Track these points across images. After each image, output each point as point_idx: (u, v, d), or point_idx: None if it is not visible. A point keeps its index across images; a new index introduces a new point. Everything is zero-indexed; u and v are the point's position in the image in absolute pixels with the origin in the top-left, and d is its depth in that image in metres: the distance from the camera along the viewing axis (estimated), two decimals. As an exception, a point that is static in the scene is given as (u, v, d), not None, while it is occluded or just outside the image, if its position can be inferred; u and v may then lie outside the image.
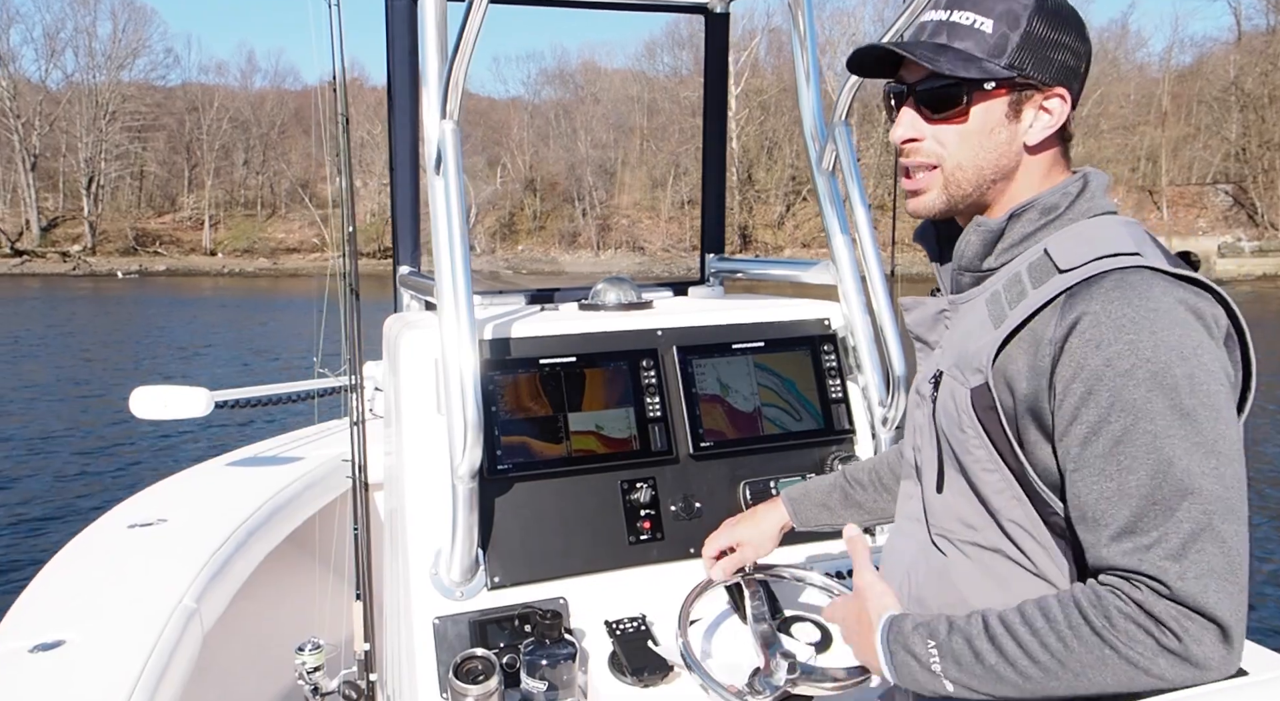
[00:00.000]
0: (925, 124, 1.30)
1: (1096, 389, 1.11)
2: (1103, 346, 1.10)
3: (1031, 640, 1.11)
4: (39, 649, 1.84)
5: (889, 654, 1.23)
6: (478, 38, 1.67)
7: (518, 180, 54.98)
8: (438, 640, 1.80)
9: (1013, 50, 1.24)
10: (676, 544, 2.05)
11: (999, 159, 1.28)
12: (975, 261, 1.32)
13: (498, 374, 1.99)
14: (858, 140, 12.17)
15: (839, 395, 2.29)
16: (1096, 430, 1.11)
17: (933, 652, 1.18)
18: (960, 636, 1.16)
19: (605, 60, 57.50)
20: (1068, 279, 1.16)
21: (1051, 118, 1.27)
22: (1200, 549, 1.07)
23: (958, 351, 1.30)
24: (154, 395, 3.01)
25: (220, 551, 2.34)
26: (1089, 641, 1.09)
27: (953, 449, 1.30)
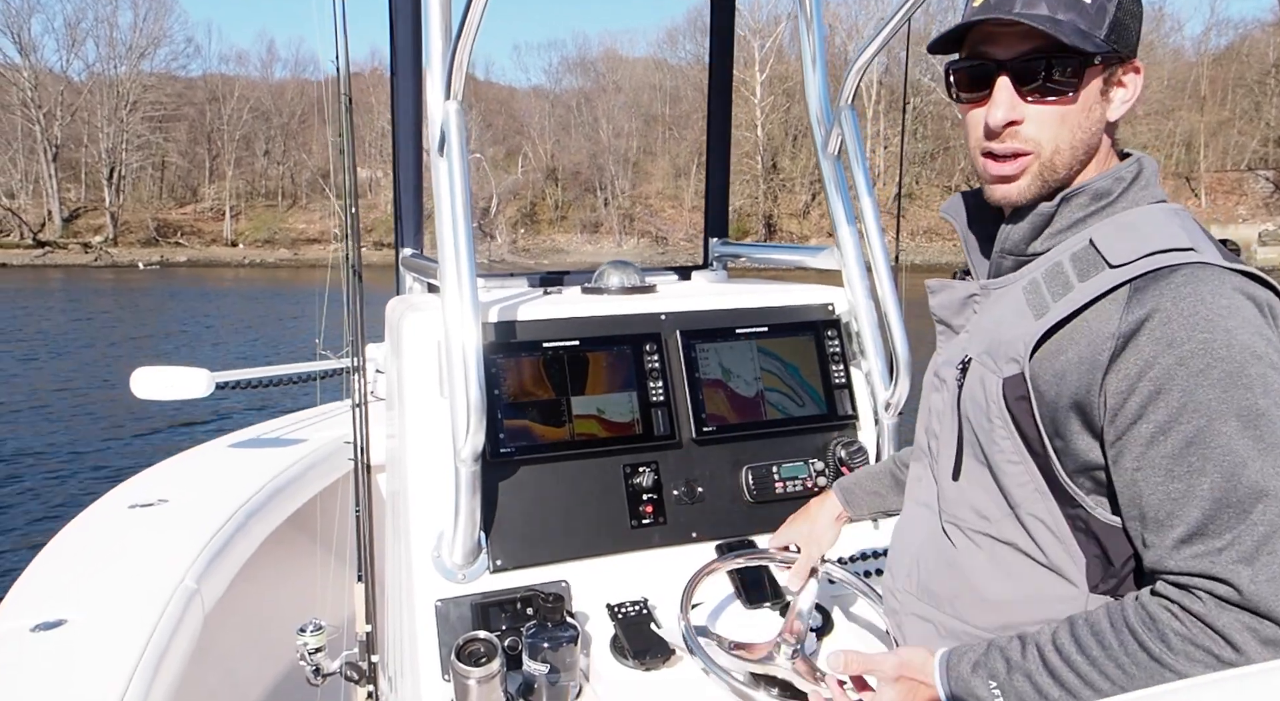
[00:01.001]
0: (1023, 103, 1.22)
1: (1168, 388, 1.08)
2: (1175, 345, 1.08)
3: (1091, 671, 1.11)
4: (40, 628, 1.86)
5: (954, 689, 1.21)
6: (482, 18, 1.67)
7: (539, 170, 55.01)
8: (440, 622, 1.82)
9: (1110, 22, 1.19)
10: (678, 528, 2.06)
11: (1091, 138, 1.24)
12: (1021, 245, 1.28)
13: (500, 357, 2.00)
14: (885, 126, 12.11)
15: (842, 380, 2.30)
16: (1165, 430, 1.09)
17: (996, 695, 1.17)
18: (1020, 674, 1.15)
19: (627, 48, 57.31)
20: (1121, 274, 1.14)
21: (1128, 92, 1.24)
22: (1273, 551, 1.04)
23: (990, 338, 1.27)
24: (155, 376, 3.03)
25: (221, 532, 2.37)
26: (1147, 667, 1.08)
27: (976, 437, 1.28)
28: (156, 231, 53.89)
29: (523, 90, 62.32)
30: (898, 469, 1.78)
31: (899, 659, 1.29)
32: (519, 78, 77.45)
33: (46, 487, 9.80)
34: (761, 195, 48.72)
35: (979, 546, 1.31)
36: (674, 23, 54.17)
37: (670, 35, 54.76)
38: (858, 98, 2.24)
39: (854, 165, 2.27)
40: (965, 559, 1.32)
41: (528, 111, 57.82)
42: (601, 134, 53.52)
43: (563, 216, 53.63)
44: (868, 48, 2.09)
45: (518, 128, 57.01)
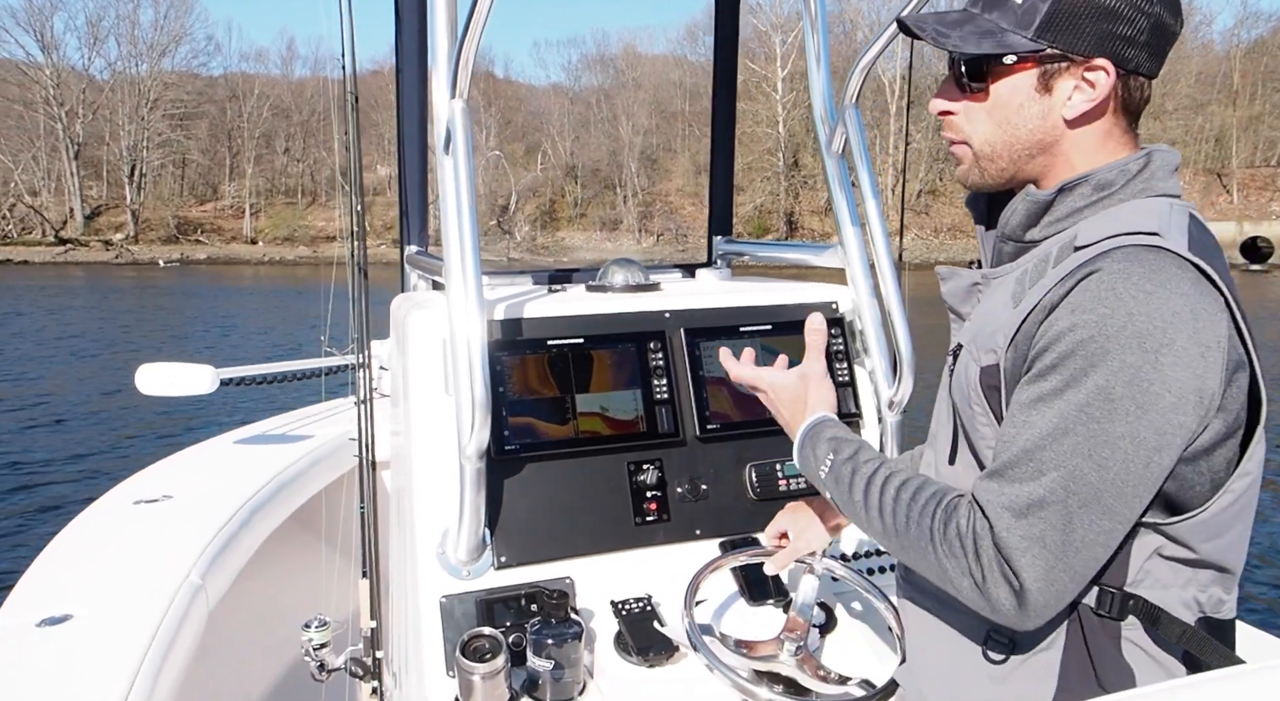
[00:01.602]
0: (959, 96, 1.30)
1: (1052, 347, 1.13)
2: (1077, 311, 1.11)
3: (890, 505, 1.27)
4: (46, 623, 1.88)
5: (801, 441, 1.45)
6: (488, 18, 1.68)
7: (559, 167, 55.15)
8: (445, 618, 1.84)
9: (1041, 21, 1.19)
10: (682, 525, 2.08)
11: (1030, 134, 1.26)
12: (1018, 231, 1.30)
13: (505, 354, 2.02)
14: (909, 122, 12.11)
15: (845, 378, 2.31)
16: (1032, 382, 1.15)
17: (826, 463, 1.38)
18: (850, 466, 1.34)
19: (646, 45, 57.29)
20: (1082, 255, 1.16)
21: (1093, 91, 1.22)
22: (1043, 518, 1.11)
23: (978, 327, 1.30)
24: (159, 372, 3.06)
25: (226, 528, 2.39)
26: (923, 532, 1.22)
27: (962, 423, 1.32)
28: (177, 229, 54.49)
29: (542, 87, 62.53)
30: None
31: (820, 374, 1.52)
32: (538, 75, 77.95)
33: (53, 483, 9.93)
34: (783, 192, 48.61)
35: None
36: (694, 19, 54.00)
37: (690, 32, 54.68)
38: (881, 93, 2.25)
39: (858, 164, 2.28)
40: None
41: (547, 108, 57.98)
42: (621, 131, 53.58)
43: (582, 214, 53.75)
44: (871, 48, 2.10)
45: (537, 125, 57.19)
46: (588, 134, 55.52)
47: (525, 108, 58.62)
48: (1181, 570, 1.21)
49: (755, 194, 49.28)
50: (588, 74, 60.40)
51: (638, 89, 55.05)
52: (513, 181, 53.28)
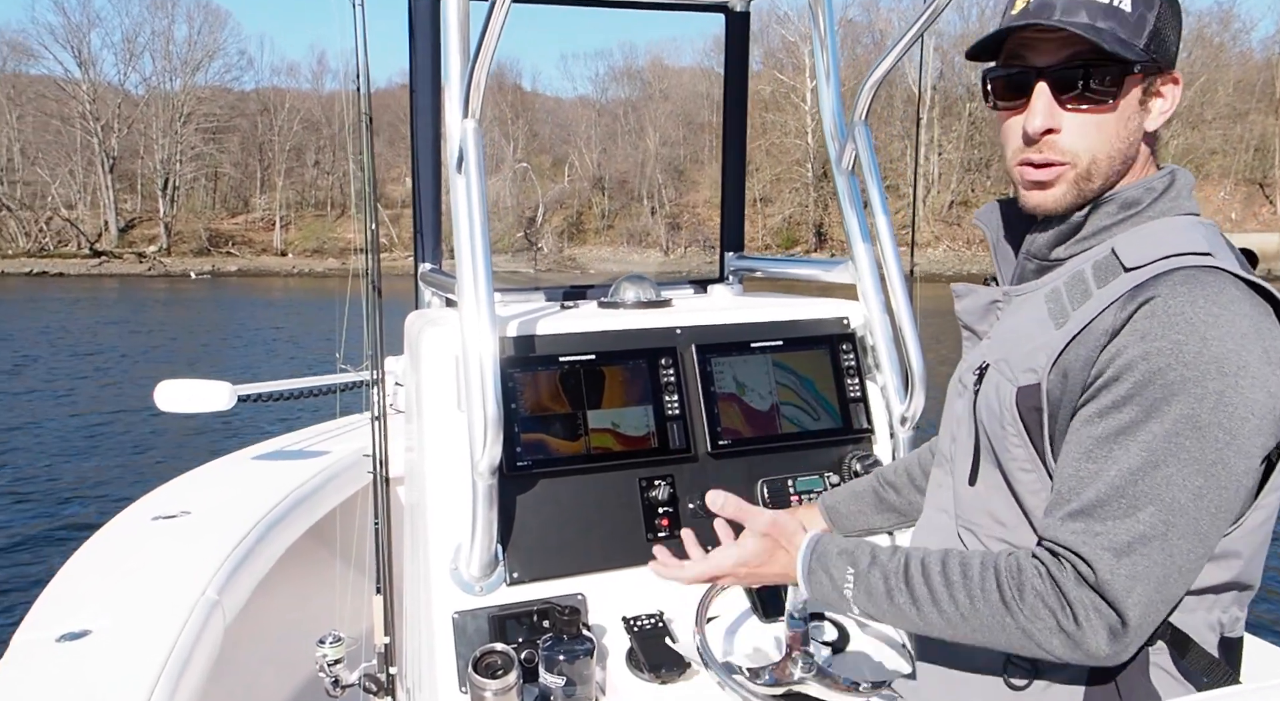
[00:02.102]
0: (1062, 111, 1.22)
1: (1124, 377, 1.11)
2: (1147, 338, 1.10)
3: (943, 591, 1.19)
4: (65, 638, 1.91)
5: (808, 571, 1.32)
6: (500, 37, 1.71)
7: (586, 178, 55.41)
8: (457, 634, 1.85)
9: (1150, 31, 1.19)
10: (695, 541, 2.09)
11: (1128, 148, 1.25)
12: (1045, 249, 1.29)
13: (517, 371, 2.04)
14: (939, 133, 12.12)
15: (857, 394, 2.31)
16: (1105, 414, 1.12)
17: (848, 581, 1.27)
18: (879, 571, 1.25)
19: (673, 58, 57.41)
20: (1134, 277, 1.15)
21: (1167, 102, 1.24)
22: (1146, 554, 1.08)
23: (1009, 346, 1.29)
24: (178, 389, 3.11)
25: (242, 544, 2.42)
26: (995, 607, 1.16)
27: (990, 444, 1.30)
28: (209, 241, 55.35)
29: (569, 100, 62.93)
30: (881, 487, 1.79)
31: (773, 517, 1.38)
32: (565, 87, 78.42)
33: (75, 498, 10.09)
34: (811, 203, 48.50)
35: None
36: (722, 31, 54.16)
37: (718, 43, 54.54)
38: (911, 104, 2.26)
39: (868, 180, 2.29)
40: None
41: (574, 120, 58.29)
42: (648, 142, 53.74)
43: (609, 225, 53.93)
44: (880, 64, 2.11)
45: (564, 136, 57.52)
46: (615, 146, 55.74)
47: (553, 120, 59.00)
48: (1207, 593, 1.21)
49: (784, 205, 49.20)
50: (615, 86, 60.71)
51: (665, 100, 55.21)
52: (539, 193, 53.60)
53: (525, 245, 52.34)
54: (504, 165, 54.68)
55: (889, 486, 1.77)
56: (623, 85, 59.99)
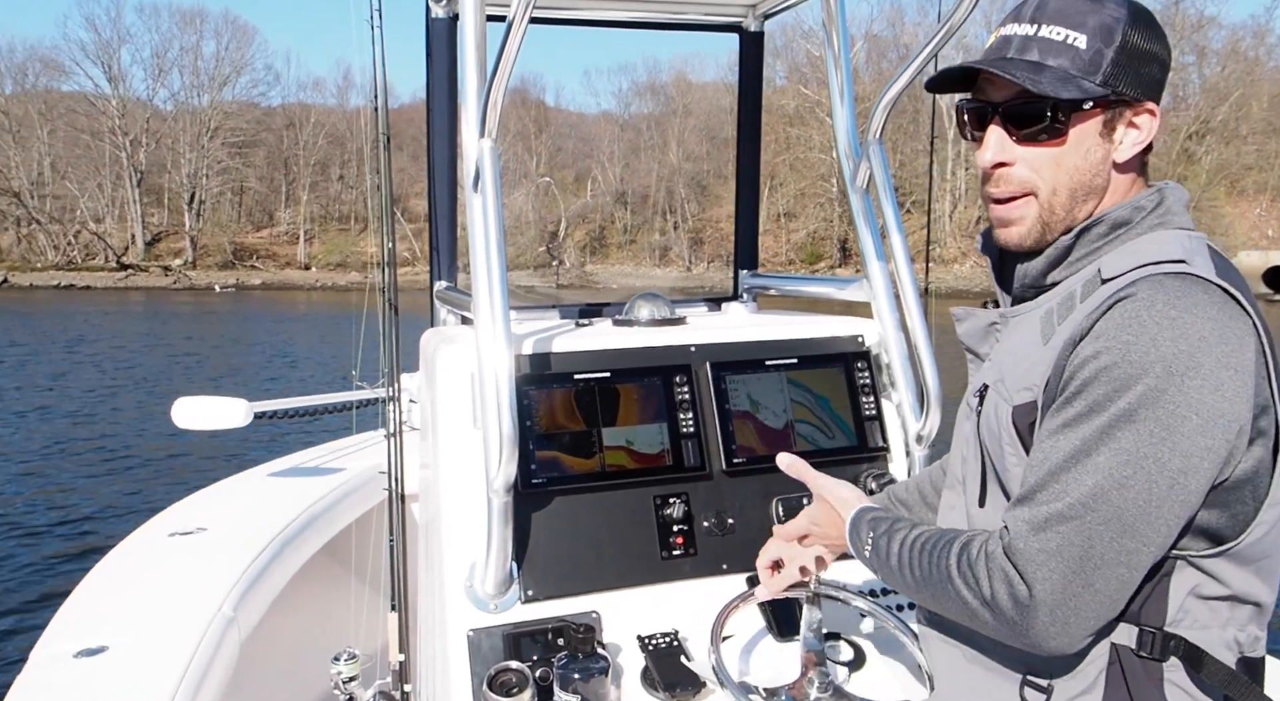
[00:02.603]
0: (1015, 145, 1.27)
1: (1077, 375, 1.15)
2: (1101, 339, 1.13)
3: (913, 559, 1.30)
4: (83, 654, 1.94)
5: (849, 537, 1.48)
6: (517, 58, 1.74)
7: (608, 193, 55.62)
8: (472, 652, 1.86)
9: (1108, 67, 1.22)
10: (709, 560, 2.09)
11: (1092, 179, 1.27)
12: (1039, 278, 1.32)
13: (533, 388, 2.05)
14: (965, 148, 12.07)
15: (872, 412, 2.31)
16: (1059, 411, 1.17)
17: (868, 544, 1.42)
18: (885, 538, 1.38)
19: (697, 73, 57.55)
20: (1109, 287, 1.18)
21: (1141, 133, 1.26)
22: (1060, 532, 1.14)
23: (1005, 367, 1.31)
24: (195, 405, 3.16)
25: (258, 560, 2.45)
26: (941, 572, 1.25)
27: (993, 463, 1.32)
28: (233, 254, 56.03)
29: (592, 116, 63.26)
30: (893, 505, 1.78)
31: (832, 485, 1.57)
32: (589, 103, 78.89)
33: (93, 514, 10.20)
34: (836, 219, 48.39)
35: None
36: (745, 46, 54.36)
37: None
38: (939, 117, 2.29)
39: (883, 198, 2.30)
40: None
41: (597, 134, 58.60)
42: (671, 157, 53.91)
43: (631, 240, 54.08)
44: (894, 84, 2.13)
45: (587, 151, 57.83)
46: (638, 160, 55.95)
47: (576, 134, 59.35)
48: (1220, 609, 1.21)
49: (808, 220, 49.14)
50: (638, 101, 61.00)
51: (688, 115, 55.38)
52: (562, 208, 53.85)
53: (547, 260, 52.56)
54: (527, 179, 55.03)
55: (900, 504, 1.78)
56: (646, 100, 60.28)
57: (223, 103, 59.26)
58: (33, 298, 44.94)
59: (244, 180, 59.12)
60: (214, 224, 57.88)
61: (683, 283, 45.64)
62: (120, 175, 56.63)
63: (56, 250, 55.09)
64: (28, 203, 54.79)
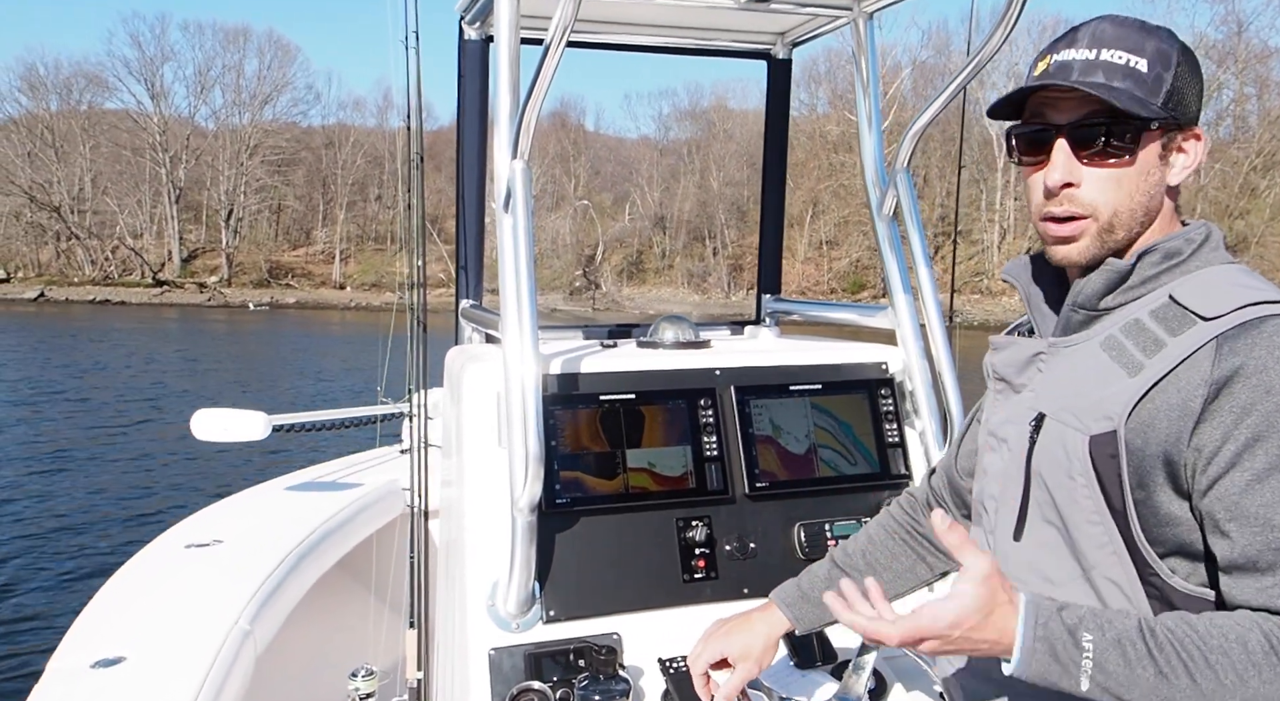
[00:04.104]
0: (1082, 166, 1.29)
1: (1266, 435, 1.13)
2: (1274, 393, 1.13)
3: (1201, 659, 1.11)
4: (99, 665, 1.97)
5: (1031, 637, 1.15)
6: (551, 82, 1.80)
7: (647, 217, 55.84)
8: (493, 671, 1.89)
9: (1167, 90, 1.27)
10: (731, 584, 2.12)
11: (1150, 201, 1.30)
12: (1093, 299, 1.33)
13: (558, 409, 2.10)
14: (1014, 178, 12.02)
15: (895, 439, 2.34)
16: (1263, 477, 1.13)
17: (1087, 654, 1.13)
18: (1114, 634, 1.14)
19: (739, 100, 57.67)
20: (1216, 326, 1.19)
21: (1189, 158, 1.31)
22: None
23: (1069, 395, 1.31)
24: (214, 418, 3.22)
25: (275, 574, 2.49)
26: (1270, 673, 1.10)
27: (1052, 497, 1.31)
28: (269, 273, 56.94)
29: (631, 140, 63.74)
30: (841, 572, 1.74)
31: (995, 561, 1.20)
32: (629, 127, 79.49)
33: (111, 524, 10.40)
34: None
35: None
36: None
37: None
38: (987, 147, 2.33)
39: (909, 226, 2.34)
40: None
41: (636, 158, 58.96)
42: (712, 182, 54.07)
43: (669, 265, 54.18)
44: (923, 114, 2.18)
45: (626, 174, 58.18)
46: (677, 184, 56.16)
47: (615, 157, 59.78)
48: None
49: (851, 248, 48.95)
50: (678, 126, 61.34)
51: (729, 140, 55.55)
52: (600, 231, 54.15)
53: (584, 284, 52.79)
54: (564, 202, 55.46)
55: (851, 570, 1.74)
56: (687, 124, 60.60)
57: (263, 121, 60.54)
58: (70, 312, 45.95)
59: (282, 198, 60.19)
60: (251, 242, 58.92)
61: (720, 310, 45.56)
62: (159, 191, 57.90)
63: (94, 265, 56.37)
64: (67, 218, 56.20)
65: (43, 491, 11.88)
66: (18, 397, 19.42)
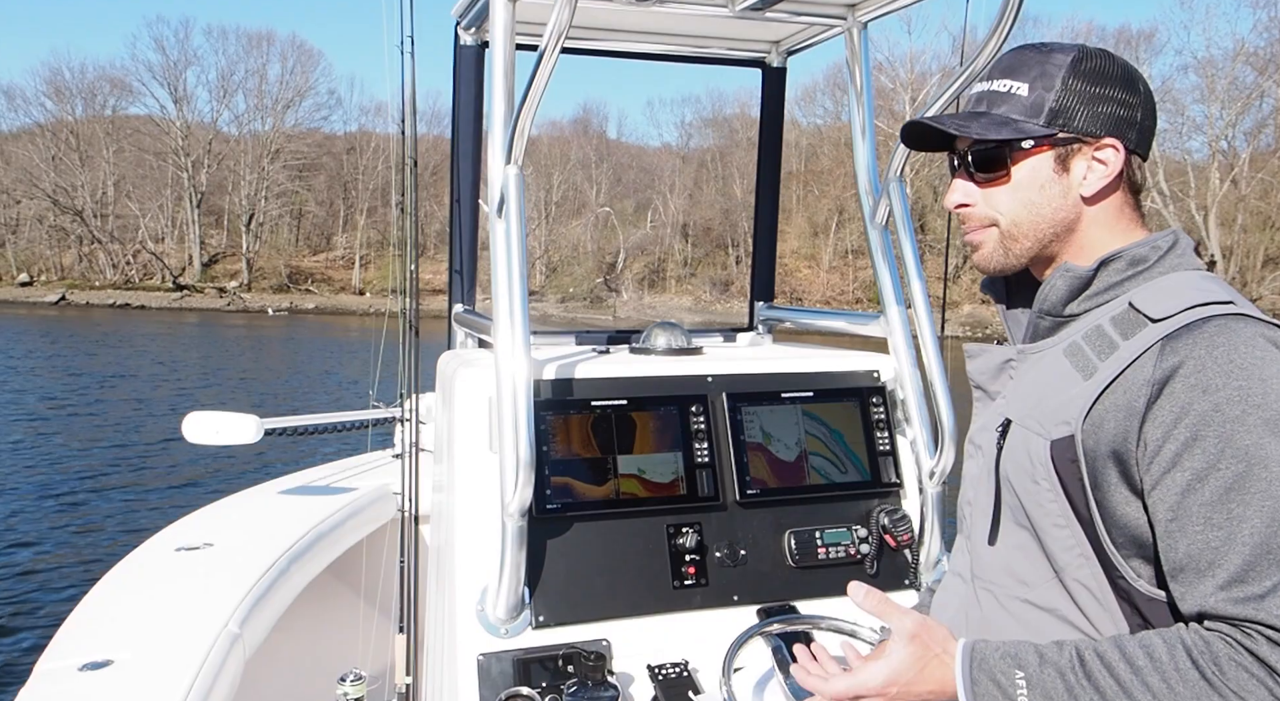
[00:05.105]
0: (976, 188, 1.41)
1: (1203, 434, 1.15)
2: (1210, 391, 1.15)
3: (1132, 679, 1.14)
4: (87, 668, 2.01)
5: (971, 683, 1.23)
6: (545, 88, 1.83)
7: (669, 225, 55.84)
8: (481, 677, 1.91)
9: (1050, 109, 1.34)
10: (720, 590, 2.14)
11: (1055, 212, 1.37)
12: (1058, 306, 1.38)
13: (549, 414, 2.13)
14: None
15: (886, 448, 2.35)
16: (1203, 477, 1.15)
17: (1020, 685, 1.20)
18: (1052, 669, 1.19)
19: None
20: (1163, 327, 1.22)
21: (1106, 168, 1.35)
22: None
23: (1032, 401, 1.35)
24: (206, 421, 3.25)
25: (265, 577, 2.52)
26: (1195, 686, 1.12)
27: (1020, 501, 1.34)
28: (288, 278, 57.37)
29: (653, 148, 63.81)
30: None
31: (921, 619, 1.30)
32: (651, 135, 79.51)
33: (101, 526, 10.48)
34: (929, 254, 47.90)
35: (1010, 613, 1.36)
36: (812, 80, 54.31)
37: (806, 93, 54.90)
38: None
39: (902, 236, 2.37)
40: (996, 625, 1.37)
41: (659, 165, 59.01)
42: (735, 189, 54.01)
43: (692, 273, 54.12)
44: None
45: (648, 181, 58.23)
46: (700, 192, 56.14)
47: (637, 164, 59.85)
48: None
49: (878, 258, 48.62)
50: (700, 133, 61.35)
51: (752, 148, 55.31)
52: (621, 238, 54.20)
53: (605, 291, 52.83)
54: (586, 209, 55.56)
55: None
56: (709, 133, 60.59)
57: (285, 126, 61.08)
58: (90, 316, 46.47)
59: (303, 203, 60.68)
60: (271, 247, 59.38)
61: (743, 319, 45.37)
62: (181, 196, 58.52)
63: (115, 269, 57.04)
64: (90, 222, 56.93)
65: (31, 493, 11.95)
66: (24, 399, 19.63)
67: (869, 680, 1.28)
